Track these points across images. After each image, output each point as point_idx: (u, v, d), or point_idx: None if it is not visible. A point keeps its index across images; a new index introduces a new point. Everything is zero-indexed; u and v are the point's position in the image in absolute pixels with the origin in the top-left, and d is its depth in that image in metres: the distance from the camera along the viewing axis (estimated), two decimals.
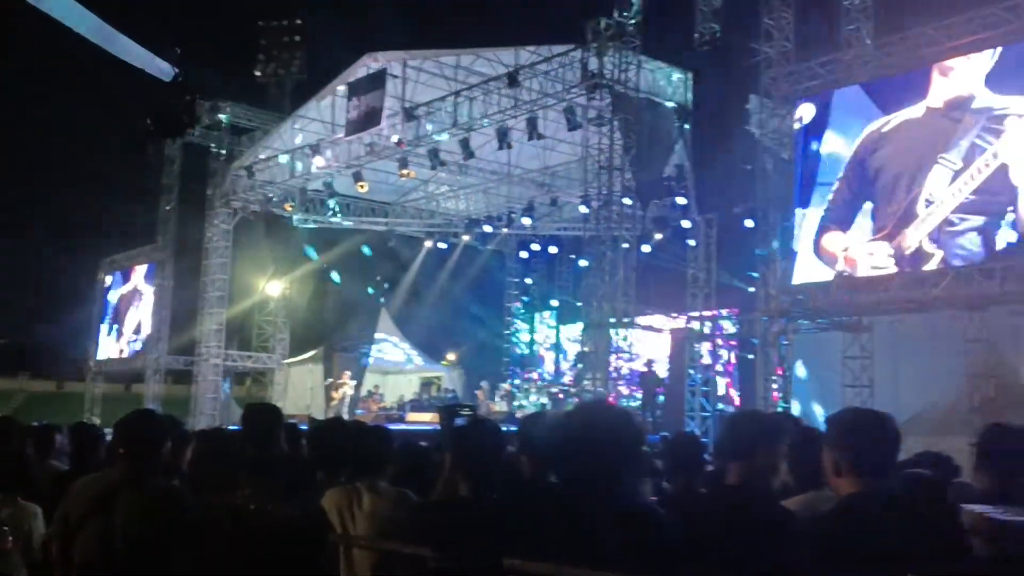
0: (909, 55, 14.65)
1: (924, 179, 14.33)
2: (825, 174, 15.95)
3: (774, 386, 16.21)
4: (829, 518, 2.84)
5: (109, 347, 30.46)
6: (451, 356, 28.81)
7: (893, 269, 14.75)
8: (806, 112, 16.19)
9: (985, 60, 13.87)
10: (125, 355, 29.40)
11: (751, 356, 18.83)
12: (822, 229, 15.75)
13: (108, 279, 31.15)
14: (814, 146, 16.09)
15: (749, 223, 18.18)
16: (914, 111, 14.69)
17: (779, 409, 15.56)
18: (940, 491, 3.61)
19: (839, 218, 15.63)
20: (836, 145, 15.86)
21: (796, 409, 16.28)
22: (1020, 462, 3.73)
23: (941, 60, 14.34)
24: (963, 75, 14.13)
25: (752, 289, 18.15)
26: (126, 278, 30.13)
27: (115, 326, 30.37)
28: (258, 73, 26.36)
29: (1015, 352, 16.56)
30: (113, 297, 30.82)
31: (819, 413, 16.91)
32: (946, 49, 14.17)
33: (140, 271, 29.36)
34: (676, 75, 18.41)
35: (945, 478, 3.94)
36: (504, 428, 4.07)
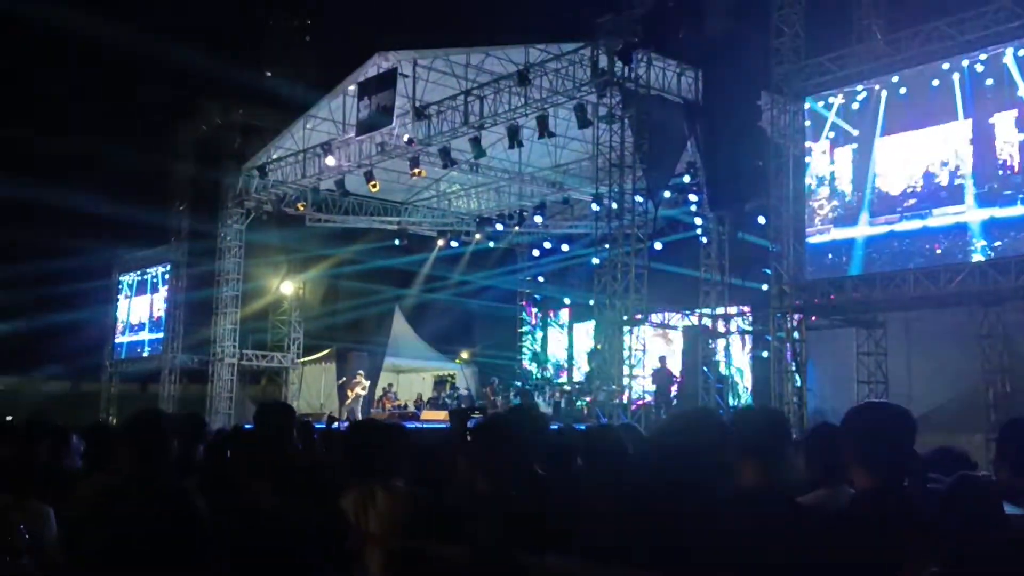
0: (920, 51, 14.56)
1: None
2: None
3: (789, 383, 16.13)
4: (838, 516, 2.83)
5: (125, 347, 30.76)
6: (464, 354, 28.82)
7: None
8: None
9: None
10: (145, 355, 29.63)
11: (765, 354, 18.75)
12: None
13: (123, 279, 31.36)
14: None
15: (761, 220, 18.13)
16: None
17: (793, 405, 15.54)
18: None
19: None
20: None
21: (810, 406, 16.22)
22: None
23: (953, 56, 14.25)
24: None
25: (765, 286, 18.08)
26: (141, 279, 30.38)
27: (130, 326, 30.64)
28: (269, 73, 26.40)
29: None
30: (128, 297, 31.06)
31: (834, 410, 16.84)
32: (959, 44, 14.09)
33: (152, 272, 29.62)
34: (687, 72, 18.35)
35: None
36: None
